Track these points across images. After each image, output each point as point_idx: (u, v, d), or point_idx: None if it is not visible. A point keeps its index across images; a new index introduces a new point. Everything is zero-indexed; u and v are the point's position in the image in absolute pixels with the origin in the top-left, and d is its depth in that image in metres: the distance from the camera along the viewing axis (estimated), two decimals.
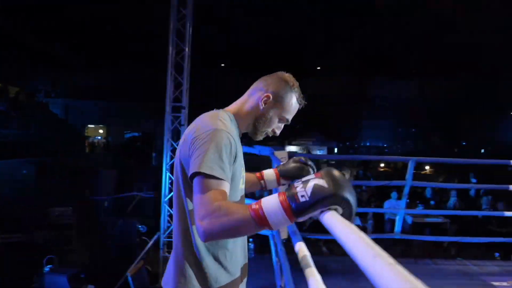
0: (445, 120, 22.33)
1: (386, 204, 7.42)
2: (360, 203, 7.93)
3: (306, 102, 1.39)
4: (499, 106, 22.25)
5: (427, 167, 18.84)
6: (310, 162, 1.50)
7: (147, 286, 4.15)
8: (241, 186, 1.35)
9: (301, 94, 1.37)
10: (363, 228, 7.24)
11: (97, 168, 5.25)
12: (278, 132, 1.40)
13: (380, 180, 10.78)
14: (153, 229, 5.32)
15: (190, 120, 5.13)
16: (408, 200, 3.91)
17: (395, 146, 23.79)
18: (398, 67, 19.65)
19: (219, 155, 1.14)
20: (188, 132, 1.26)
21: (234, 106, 1.39)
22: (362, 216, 7.55)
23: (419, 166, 19.26)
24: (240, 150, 1.31)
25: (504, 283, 3.30)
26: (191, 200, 1.20)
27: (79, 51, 18.00)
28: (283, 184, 1.55)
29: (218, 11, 11.72)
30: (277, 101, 1.33)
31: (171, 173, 5.20)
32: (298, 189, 0.97)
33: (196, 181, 1.13)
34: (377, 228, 7.22)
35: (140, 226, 5.14)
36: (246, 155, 1.51)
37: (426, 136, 23.86)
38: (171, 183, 5.22)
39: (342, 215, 0.97)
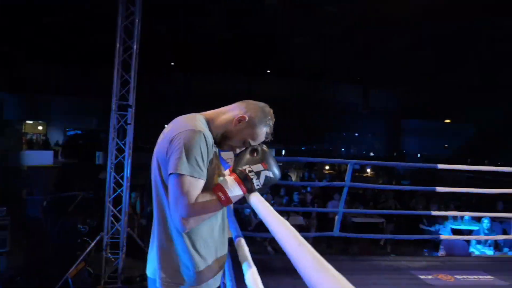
0: (387, 126, 23.60)
1: (330, 204, 7.76)
2: (304, 204, 8.22)
3: (272, 139, 1.53)
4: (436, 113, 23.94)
5: (368, 170, 19.80)
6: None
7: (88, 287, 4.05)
8: (215, 182, 1.46)
9: (272, 131, 1.51)
10: (307, 227, 7.52)
11: (35, 167, 5.00)
12: (237, 151, 1.51)
13: (322, 181, 11.21)
14: (96, 230, 5.18)
15: (137, 119, 5.06)
16: (345, 201, 4.13)
17: (341, 150, 24.74)
18: (345, 72, 20.43)
19: (195, 155, 1.27)
20: (167, 131, 1.37)
21: (212, 112, 1.50)
22: (306, 216, 7.83)
23: (362, 169, 20.20)
24: (212, 151, 1.42)
25: (430, 276, 3.61)
26: (168, 196, 1.34)
27: (18, 43, 16.90)
28: None
29: (168, 9, 11.54)
30: (250, 126, 1.45)
31: (116, 172, 5.10)
32: (254, 180, 1.30)
33: (172, 179, 1.27)
34: (321, 227, 7.51)
35: (81, 227, 4.98)
36: None
37: (368, 141, 25.05)
38: (115, 183, 5.11)
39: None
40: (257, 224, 6.54)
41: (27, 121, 20.96)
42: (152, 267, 1.44)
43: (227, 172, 1.61)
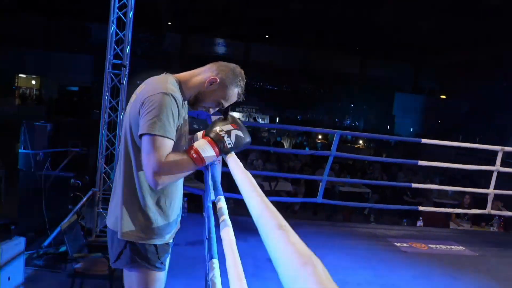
0: (382, 99, 23.58)
1: (317, 173, 7.94)
2: (293, 171, 8.39)
3: (244, 99, 1.59)
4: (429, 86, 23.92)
5: (360, 142, 20.03)
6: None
7: (81, 240, 4.21)
8: (183, 143, 1.55)
9: (243, 90, 1.56)
10: (294, 193, 7.73)
11: (29, 121, 5.04)
12: (212, 111, 1.59)
13: (315, 150, 11.38)
14: (88, 186, 5.31)
15: (130, 79, 5.08)
16: (330, 170, 4.27)
17: (335, 120, 24.81)
18: (343, 42, 20.20)
19: (166, 116, 1.33)
20: (139, 92, 1.43)
21: (184, 74, 1.55)
22: (295, 183, 8.03)
23: (355, 141, 20.41)
24: (184, 112, 1.50)
25: (404, 244, 3.82)
26: (138, 154, 1.41)
27: None
28: None
29: None
30: (221, 87, 1.51)
31: (109, 130, 5.17)
32: (225, 138, 1.34)
33: (145, 140, 1.33)
34: (308, 194, 7.72)
35: (74, 181, 5.10)
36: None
37: (363, 113, 25.12)
38: (108, 141, 5.19)
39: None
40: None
41: (20, 75, 20.65)
42: (113, 219, 1.51)
43: (200, 134, 1.71)
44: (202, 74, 1.53)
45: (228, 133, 1.34)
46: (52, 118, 15.78)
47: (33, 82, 21.09)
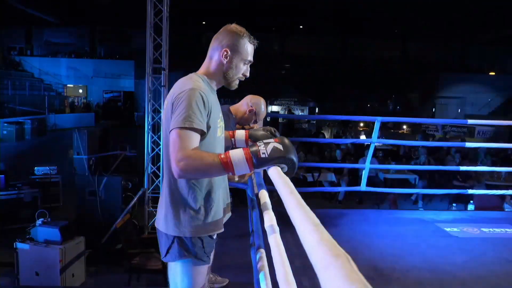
0: (424, 81, 22.70)
1: (361, 161, 7.81)
2: (335, 160, 8.32)
3: (258, 41, 1.61)
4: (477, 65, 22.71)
5: (404, 127, 19.40)
6: (277, 133, 1.80)
7: (134, 237, 4.45)
8: (219, 135, 1.61)
9: (250, 36, 1.59)
10: (338, 183, 7.67)
11: (80, 128, 5.37)
12: (247, 74, 1.62)
13: (358, 138, 11.19)
14: (137, 186, 5.58)
15: (170, 81, 5.26)
16: (372, 157, 4.21)
17: (375, 106, 24.18)
18: (380, 28, 19.62)
19: (192, 109, 1.38)
20: (169, 96, 1.51)
21: (202, 69, 1.61)
22: (338, 172, 7.96)
23: (397, 126, 19.79)
24: (215, 104, 1.55)
25: (455, 229, 3.71)
26: None
27: (55, 9, 17.30)
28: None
29: None
30: (235, 51, 1.54)
31: (153, 132, 5.40)
32: (260, 148, 1.29)
33: (172, 133, 1.39)
34: (352, 183, 7.63)
35: (125, 183, 5.38)
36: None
37: (404, 97, 24.28)
38: (153, 142, 5.42)
39: (287, 171, 1.31)
40: None
41: (68, 85, 21.82)
42: (161, 217, 1.58)
43: (241, 133, 1.76)
44: (213, 58, 1.58)
45: (267, 144, 1.31)
46: (100, 124, 16.61)
47: (80, 90, 22.24)
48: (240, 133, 1.86)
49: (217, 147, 1.58)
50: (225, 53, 1.54)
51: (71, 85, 22.03)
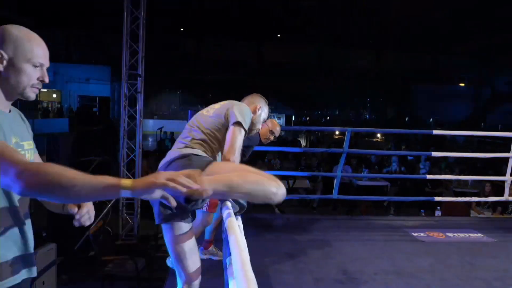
0: (399, 92, 23.33)
1: (334, 169, 7.98)
2: (310, 168, 8.47)
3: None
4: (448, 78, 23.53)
5: (378, 135, 19.85)
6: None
7: (108, 244, 4.41)
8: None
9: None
10: (312, 190, 7.80)
11: (53, 133, 5.30)
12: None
13: (332, 147, 11.40)
14: None
15: (146, 87, 5.28)
16: (346, 164, 4.33)
17: (348, 115, 24.65)
18: (356, 38, 20.08)
19: None
20: None
21: None
22: (313, 180, 8.10)
23: (371, 135, 20.25)
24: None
25: (422, 234, 3.86)
26: None
27: (29, 13, 16.96)
28: None
29: None
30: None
31: (129, 138, 5.38)
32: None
33: None
34: (326, 190, 7.77)
35: None
36: None
37: (379, 107, 24.87)
38: (128, 148, 5.39)
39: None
40: None
41: (42, 89, 21.29)
42: None
43: None
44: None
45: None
46: (74, 130, 16.29)
47: (54, 95, 21.69)
48: None
49: None
50: (256, 108, 2.19)
51: (45, 90, 21.47)
